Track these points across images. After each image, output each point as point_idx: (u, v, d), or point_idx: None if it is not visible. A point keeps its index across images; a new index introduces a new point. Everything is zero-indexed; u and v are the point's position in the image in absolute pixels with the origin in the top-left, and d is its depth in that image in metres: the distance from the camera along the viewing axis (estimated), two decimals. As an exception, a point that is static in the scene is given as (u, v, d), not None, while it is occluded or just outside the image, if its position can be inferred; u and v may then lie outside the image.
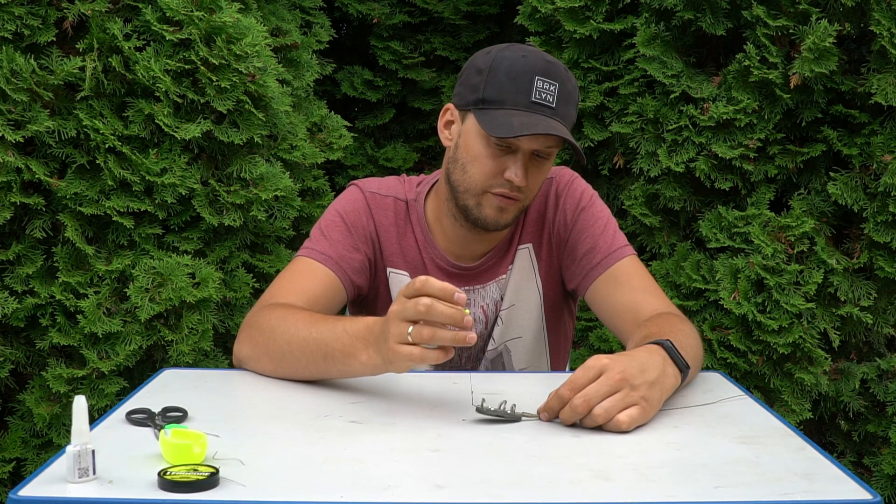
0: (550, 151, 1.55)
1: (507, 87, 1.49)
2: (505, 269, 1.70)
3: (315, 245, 1.64)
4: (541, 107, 1.48)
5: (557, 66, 1.53)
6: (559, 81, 1.50)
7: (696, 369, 1.43)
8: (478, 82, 1.53)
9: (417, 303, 1.17)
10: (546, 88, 1.49)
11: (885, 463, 2.53)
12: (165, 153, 2.27)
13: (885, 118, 2.50)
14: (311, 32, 3.21)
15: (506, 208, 1.55)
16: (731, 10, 2.61)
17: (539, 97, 1.48)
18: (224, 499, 0.96)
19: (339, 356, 1.33)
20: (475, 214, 1.57)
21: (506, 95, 1.49)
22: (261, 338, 1.46)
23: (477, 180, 1.54)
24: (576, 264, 1.66)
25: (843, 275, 2.51)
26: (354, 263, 1.64)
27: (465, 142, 1.56)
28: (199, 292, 2.25)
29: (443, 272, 1.68)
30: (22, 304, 2.18)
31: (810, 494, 0.99)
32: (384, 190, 1.71)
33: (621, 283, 1.61)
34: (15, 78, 2.12)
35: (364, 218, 1.67)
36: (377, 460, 1.09)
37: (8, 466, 2.24)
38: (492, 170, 1.53)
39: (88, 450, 0.99)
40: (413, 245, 1.69)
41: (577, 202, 1.67)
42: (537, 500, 0.99)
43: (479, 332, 1.71)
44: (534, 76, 1.48)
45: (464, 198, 1.57)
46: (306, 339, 1.38)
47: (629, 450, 1.13)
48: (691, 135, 2.62)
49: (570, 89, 1.53)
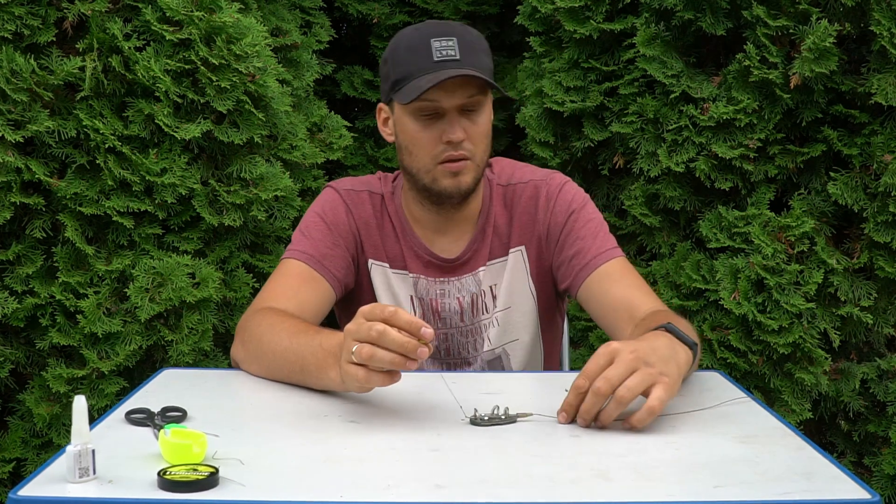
0: (476, 100, 1.56)
1: (409, 60, 1.54)
2: (482, 262, 1.71)
3: (297, 246, 1.67)
4: (446, 63, 1.52)
5: (451, 24, 1.58)
6: (456, 35, 1.54)
7: (697, 359, 1.43)
8: (387, 70, 1.60)
9: (371, 326, 1.15)
10: (445, 45, 1.53)
11: (886, 463, 2.53)
12: (165, 153, 2.27)
13: (885, 118, 2.49)
14: (311, 32, 3.21)
15: (459, 172, 1.58)
16: (731, 10, 2.61)
17: (441, 55, 1.52)
18: (224, 499, 0.96)
19: (314, 370, 1.32)
20: (435, 189, 1.60)
21: (411, 67, 1.54)
22: (251, 344, 1.48)
23: (421, 156, 1.58)
24: (567, 263, 1.67)
25: (843, 275, 2.51)
26: (338, 260, 1.66)
27: (401, 127, 1.61)
28: (199, 292, 2.25)
29: (420, 261, 1.71)
30: (22, 304, 2.18)
31: (810, 494, 0.99)
32: (358, 186, 1.75)
33: (615, 280, 1.61)
34: (15, 78, 2.12)
35: (343, 214, 1.70)
36: (377, 460, 1.09)
37: (8, 466, 2.24)
38: (430, 140, 1.57)
39: (88, 450, 0.99)
40: (392, 234, 1.72)
41: (568, 204, 1.69)
42: (537, 500, 0.99)
43: (454, 323, 1.72)
44: (429, 39, 1.53)
45: (420, 178, 1.61)
46: (287, 350, 1.38)
47: (628, 449, 1.13)
48: (691, 135, 2.62)
49: (470, 40, 1.56)
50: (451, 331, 1.73)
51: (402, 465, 1.08)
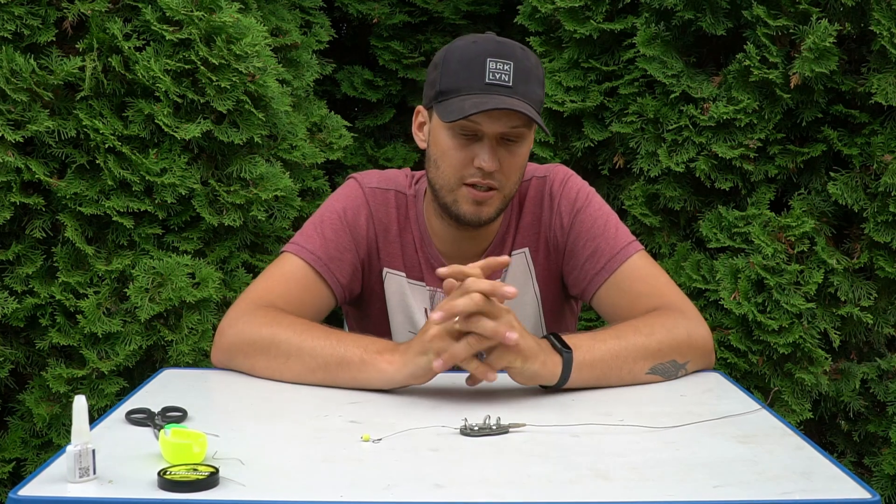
0: (519, 132, 1.51)
1: (460, 74, 1.48)
2: (499, 274, 1.66)
3: (307, 243, 1.59)
4: (496, 87, 1.46)
5: (511, 46, 1.51)
6: (513, 60, 1.48)
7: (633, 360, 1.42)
8: (435, 77, 1.52)
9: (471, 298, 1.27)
10: (499, 68, 1.46)
11: (886, 463, 2.53)
12: (165, 153, 2.27)
13: (885, 118, 2.49)
14: (311, 32, 3.21)
15: (483, 202, 1.52)
16: (731, 10, 2.61)
17: (493, 78, 1.46)
18: (224, 498, 0.96)
19: (357, 363, 1.37)
20: (454, 211, 1.54)
21: (460, 83, 1.48)
22: (256, 341, 1.45)
23: (448, 174, 1.52)
24: (577, 271, 1.61)
25: (843, 275, 2.51)
26: (345, 266, 1.60)
27: (434, 138, 1.54)
28: (199, 292, 2.25)
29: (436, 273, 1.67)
30: (22, 304, 2.19)
31: (809, 494, 0.99)
32: (385, 184, 1.67)
33: (623, 291, 1.57)
34: (15, 78, 2.12)
35: (363, 218, 1.63)
36: (377, 460, 1.09)
37: (8, 466, 2.24)
38: (461, 161, 1.50)
39: (88, 450, 0.99)
40: (411, 243, 1.66)
41: (572, 203, 1.63)
42: (536, 500, 0.99)
43: None
44: (485, 58, 1.47)
45: (442, 195, 1.55)
46: (315, 347, 1.39)
47: (628, 449, 1.13)
48: (691, 135, 2.62)
49: (528, 67, 1.50)
50: None
51: (402, 465, 1.08)
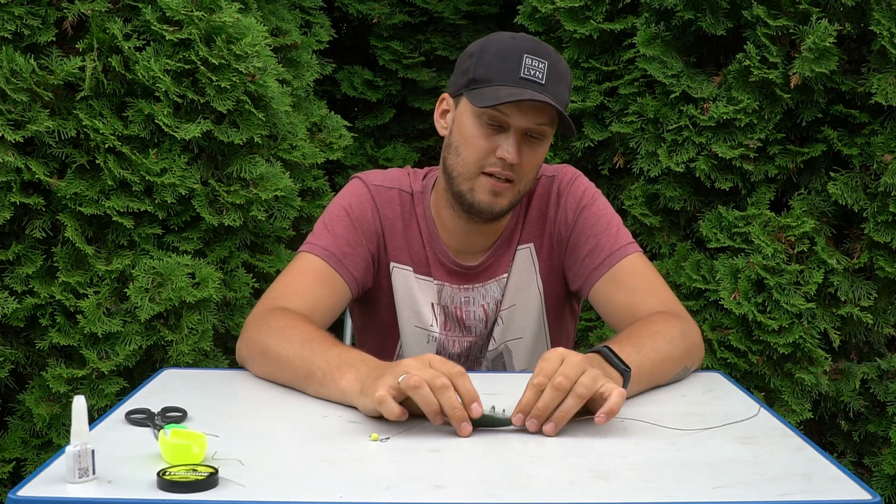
0: (543, 130, 1.53)
1: (496, 65, 1.50)
2: (506, 268, 1.69)
3: (318, 241, 1.62)
4: (530, 83, 1.49)
5: (547, 47, 1.54)
6: (549, 60, 1.51)
7: (667, 369, 1.42)
8: (468, 65, 1.54)
9: (437, 375, 1.16)
10: (535, 66, 1.49)
11: (886, 463, 2.53)
12: (165, 153, 2.27)
13: (885, 118, 2.49)
14: (311, 32, 3.21)
15: (500, 193, 1.54)
16: (731, 10, 2.61)
17: (528, 73, 1.49)
18: (223, 499, 0.96)
19: (320, 376, 1.32)
20: (469, 200, 1.56)
21: (494, 74, 1.50)
22: (256, 345, 1.46)
23: (470, 161, 1.54)
24: (578, 265, 1.65)
25: (843, 275, 2.51)
26: (358, 260, 1.62)
27: (459, 125, 1.56)
28: (199, 292, 2.25)
29: (444, 269, 1.68)
30: (22, 304, 2.18)
31: (810, 494, 0.99)
32: (388, 182, 1.70)
33: (621, 285, 1.60)
34: (15, 78, 2.12)
35: (369, 213, 1.66)
36: (377, 460, 1.09)
37: (8, 466, 2.24)
38: (484, 149, 1.52)
39: (88, 450, 0.99)
40: (418, 238, 1.68)
41: (578, 201, 1.67)
42: (537, 500, 0.99)
43: (479, 331, 1.71)
44: (522, 54, 1.50)
45: (458, 183, 1.56)
46: (294, 356, 1.38)
47: (628, 450, 1.13)
48: (691, 135, 2.62)
49: (560, 70, 1.53)
50: (475, 339, 1.71)
51: (402, 465, 1.08)
